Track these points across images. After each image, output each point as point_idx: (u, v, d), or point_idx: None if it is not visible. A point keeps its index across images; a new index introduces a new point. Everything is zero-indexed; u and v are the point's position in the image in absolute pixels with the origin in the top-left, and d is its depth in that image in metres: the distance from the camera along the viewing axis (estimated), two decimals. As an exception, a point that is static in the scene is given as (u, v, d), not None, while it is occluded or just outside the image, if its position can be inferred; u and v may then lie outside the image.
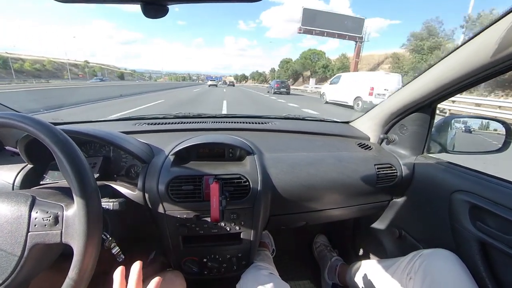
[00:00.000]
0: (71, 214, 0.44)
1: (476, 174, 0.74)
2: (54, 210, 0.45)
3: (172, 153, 0.77)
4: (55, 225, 0.44)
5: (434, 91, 0.74)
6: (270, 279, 0.75)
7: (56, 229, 0.44)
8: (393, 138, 0.98)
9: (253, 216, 0.75)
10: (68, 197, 0.49)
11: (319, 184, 0.81)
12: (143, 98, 12.99)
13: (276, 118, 1.24)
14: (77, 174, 0.42)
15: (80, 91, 12.88)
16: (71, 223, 0.44)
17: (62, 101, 8.51)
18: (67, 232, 0.44)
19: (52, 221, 0.44)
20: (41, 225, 0.44)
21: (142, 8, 0.33)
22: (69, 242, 0.43)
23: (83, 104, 9.34)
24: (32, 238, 0.43)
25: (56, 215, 0.44)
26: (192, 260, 0.80)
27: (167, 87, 26.97)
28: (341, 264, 1.16)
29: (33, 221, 0.44)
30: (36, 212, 0.44)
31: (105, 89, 14.91)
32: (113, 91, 13.81)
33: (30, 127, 0.42)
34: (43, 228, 0.44)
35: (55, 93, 10.65)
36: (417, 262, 0.68)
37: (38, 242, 0.43)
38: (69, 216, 0.44)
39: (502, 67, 0.55)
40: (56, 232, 0.44)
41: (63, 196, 0.50)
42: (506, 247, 0.60)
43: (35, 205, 0.45)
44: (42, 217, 0.44)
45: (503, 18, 0.49)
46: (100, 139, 0.71)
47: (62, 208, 0.45)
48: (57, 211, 0.45)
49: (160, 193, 0.70)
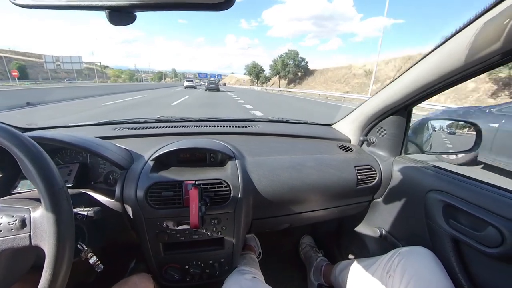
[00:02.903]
0: (39, 215, 0.42)
1: (449, 174, 0.77)
2: (20, 213, 0.43)
3: (151, 158, 0.75)
4: (22, 228, 0.42)
5: (409, 94, 0.77)
6: (253, 283, 0.75)
7: (24, 232, 0.42)
8: (372, 140, 1.01)
9: (234, 221, 0.75)
10: (36, 202, 0.47)
11: (301, 187, 0.82)
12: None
13: (260, 121, 1.24)
14: (40, 172, 0.40)
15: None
16: (40, 224, 0.42)
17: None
18: (36, 233, 0.42)
19: (19, 224, 0.42)
20: (7, 230, 0.42)
21: (107, 15, 0.32)
22: (39, 244, 0.42)
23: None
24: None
25: (22, 218, 0.43)
26: (173, 267, 0.79)
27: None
28: (326, 264, 1.18)
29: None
30: (1, 218, 0.43)
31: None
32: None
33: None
34: (10, 232, 0.42)
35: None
36: (396, 260, 0.70)
37: (5, 248, 0.41)
38: (36, 217, 0.42)
39: (472, 71, 0.58)
40: (24, 235, 0.42)
41: (30, 202, 0.48)
42: (476, 243, 0.63)
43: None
44: (7, 222, 0.42)
45: (471, 24, 0.51)
46: (75, 146, 0.69)
47: (28, 210, 0.44)
48: (23, 214, 0.43)
49: (139, 200, 0.68)
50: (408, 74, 0.74)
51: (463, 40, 0.54)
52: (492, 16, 0.47)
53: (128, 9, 0.32)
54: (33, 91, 13.07)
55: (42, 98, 10.43)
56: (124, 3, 0.31)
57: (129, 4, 0.31)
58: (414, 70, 0.71)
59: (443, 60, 0.61)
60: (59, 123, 1.08)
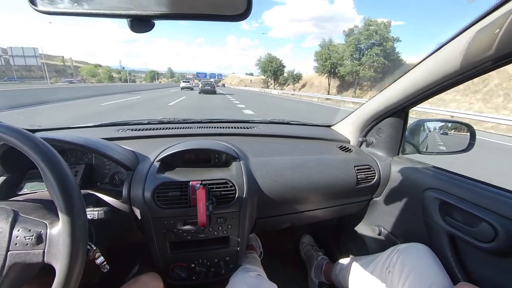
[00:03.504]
0: (56, 233, 0.42)
1: (445, 173, 0.81)
2: (37, 228, 0.43)
3: (157, 159, 0.77)
4: (37, 244, 0.42)
5: (406, 97, 0.80)
6: (258, 280, 0.77)
7: (39, 249, 0.42)
8: (371, 140, 1.04)
9: (240, 220, 0.77)
10: (52, 213, 0.47)
11: (303, 186, 0.84)
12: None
13: (261, 123, 1.26)
14: (63, 191, 0.40)
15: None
16: (55, 243, 0.42)
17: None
18: (50, 252, 0.42)
19: (35, 240, 0.42)
20: (22, 244, 0.42)
21: (128, 23, 0.34)
22: (51, 262, 0.42)
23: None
24: (12, 257, 0.41)
25: (39, 233, 0.42)
26: (180, 266, 0.80)
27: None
28: (327, 263, 1.20)
29: (14, 240, 0.42)
30: (18, 230, 0.42)
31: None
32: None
33: (8, 136, 0.40)
34: (25, 247, 0.42)
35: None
36: (395, 256, 0.73)
37: (17, 262, 0.41)
38: (53, 234, 0.42)
39: (465, 75, 0.61)
40: (38, 252, 0.42)
41: (47, 212, 0.48)
42: (471, 239, 0.66)
43: (17, 222, 0.43)
44: (24, 236, 0.42)
45: (464, 31, 0.55)
46: (82, 147, 0.70)
47: (46, 226, 0.43)
48: (40, 229, 0.43)
49: (146, 200, 0.70)
50: (406, 78, 0.77)
51: (457, 47, 0.57)
52: (484, 25, 0.50)
53: (148, 18, 0.34)
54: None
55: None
56: (145, 13, 0.33)
57: (150, 13, 0.33)
58: (411, 74, 0.74)
59: (438, 65, 0.65)
60: (62, 125, 1.08)
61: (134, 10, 0.33)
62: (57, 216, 0.42)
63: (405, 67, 0.78)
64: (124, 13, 0.33)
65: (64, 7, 0.36)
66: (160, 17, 0.34)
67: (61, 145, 0.67)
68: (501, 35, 0.47)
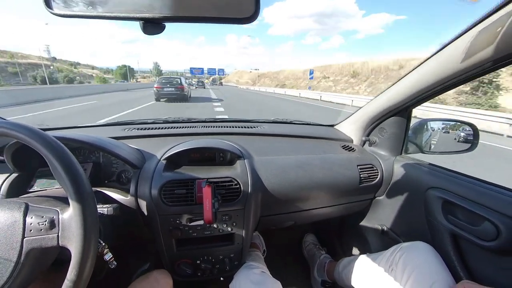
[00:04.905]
0: (67, 217, 0.45)
1: (447, 172, 0.81)
2: (49, 214, 0.45)
3: (164, 158, 0.78)
4: (51, 229, 0.44)
5: (409, 96, 0.81)
6: (262, 277, 0.78)
7: (53, 233, 0.44)
8: (374, 140, 1.04)
9: (244, 217, 0.78)
10: (62, 203, 0.49)
11: (307, 185, 0.85)
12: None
13: (265, 122, 1.28)
14: (72, 178, 0.43)
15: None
16: (68, 226, 0.44)
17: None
18: (64, 235, 0.44)
19: (48, 225, 0.44)
20: (36, 230, 0.44)
21: (141, 25, 0.35)
22: (66, 245, 0.44)
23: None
24: (28, 243, 0.43)
25: (52, 219, 0.45)
26: (185, 262, 0.81)
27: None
28: (330, 261, 1.21)
29: (28, 227, 0.44)
30: (31, 218, 0.45)
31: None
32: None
33: (23, 135, 0.42)
34: (39, 232, 0.44)
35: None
36: (398, 254, 0.73)
37: (34, 247, 0.44)
38: (65, 219, 0.45)
39: (467, 76, 0.62)
40: (52, 236, 0.44)
41: (57, 202, 0.50)
42: (473, 237, 0.67)
43: (29, 211, 0.46)
44: (37, 222, 0.44)
45: (466, 32, 0.55)
46: (91, 145, 0.71)
47: (57, 212, 0.46)
48: (52, 215, 0.45)
49: (153, 198, 0.71)
50: (409, 77, 0.78)
51: (460, 46, 0.58)
52: (487, 25, 0.51)
53: (160, 20, 0.35)
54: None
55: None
56: (157, 15, 0.35)
57: (161, 16, 0.35)
58: (414, 74, 0.75)
59: (441, 64, 0.65)
60: (69, 124, 1.10)
61: (146, 13, 0.34)
62: (68, 204, 0.44)
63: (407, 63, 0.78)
64: (137, 16, 0.34)
65: (79, 10, 0.37)
66: (171, 20, 0.35)
67: (70, 143, 0.69)
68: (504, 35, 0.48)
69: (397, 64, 23.60)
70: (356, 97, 15.99)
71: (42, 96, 13.33)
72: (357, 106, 7.73)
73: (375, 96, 0.96)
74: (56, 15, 0.38)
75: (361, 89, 25.55)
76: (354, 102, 14.17)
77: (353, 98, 15.13)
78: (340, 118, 1.25)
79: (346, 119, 1.20)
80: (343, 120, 1.22)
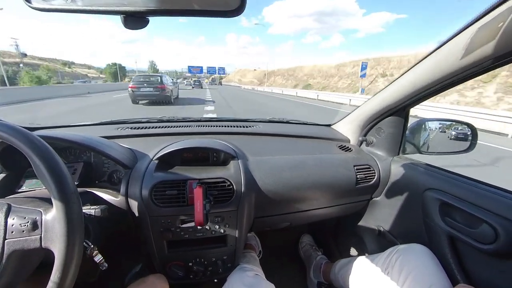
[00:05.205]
0: (50, 218, 0.43)
1: (445, 173, 0.80)
2: (32, 215, 0.44)
3: (155, 158, 0.77)
4: (33, 230, 0.43)
5: (407, 96, 0.79)
6: (256, 280, 0.77)
7: (35, 234, 0.43)
8: (371, 140, 1.03)
9: (237, 219, 0.77)
10: (47, 203, 0.48)
11: (302, 186, 0.84)
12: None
13: (260, 122, 1.26)
14: (54, 176, 0.41)
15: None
16: (51, 227, 0.43)
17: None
18: (47, 236, 0.43)
19: (30, 226, 0.43)
20: (18, 231, 0.43)
21: (122, 20, 0.34)
22: (49, 246, 0.43)
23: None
24: (10, 245, 0.42)
25: (34, 220, 0.43)
26: (177, 265, 0.80)
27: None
28: (326, 262, 1.20)
29: (9, 228, 0.42)
30: (13, 219, 0.43)
31: None
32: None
33: (2, 133, 0.41)
34: (21, 234, 0.43)
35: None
36: (394, 256, 0.72)
37: (16, 249, 0.42)
38: (48, 220, 0.43)
39: (466, 74, 0.61)
40: (35, 237, 0.43)
41: (41, 202, 0.49)
42: (471, 240, 0.65)
43: (11, 212, 0.44)
44: (19, 223, 0.43)
45: (465, 29, 0.54)
46: (80, 145, 0.70)
47: (40, 213, 0.44)
48: (35, 216, 0.44)
49: (144, 198, 0.69)
50: (406, 76, 0.76)
51: (459, 45, 0.56)
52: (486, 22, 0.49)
53: (143, 14, 0.34)
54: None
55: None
56: (139, 9, 0.33)
57: (144, 9, 0.33)
58: (412, 72, 0.74)
59: (439, 63, 0.64)
60: (61, 123, 1.08)
61: (128, 6, 0.33)
62: (52, 205, 0.43)
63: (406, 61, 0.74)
64: (117, 9, 0.33)
65: (58, 4, 0.36)
66: (154, 13, 0.33)
67: (59, 143, 0.68)
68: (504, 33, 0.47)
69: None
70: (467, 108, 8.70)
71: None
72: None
73: (373, 95, 0.95)
74: (35, 9, 0.36)
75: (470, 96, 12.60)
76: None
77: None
78: (337, 118, 1.23)
79: (343, 118, 1.18)
80: (340, 120, 1.20)
